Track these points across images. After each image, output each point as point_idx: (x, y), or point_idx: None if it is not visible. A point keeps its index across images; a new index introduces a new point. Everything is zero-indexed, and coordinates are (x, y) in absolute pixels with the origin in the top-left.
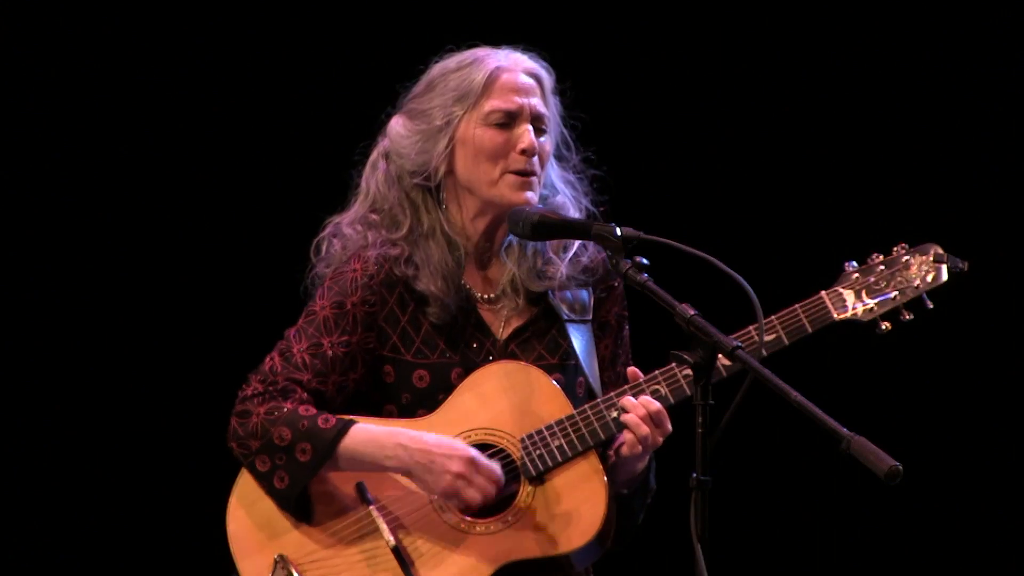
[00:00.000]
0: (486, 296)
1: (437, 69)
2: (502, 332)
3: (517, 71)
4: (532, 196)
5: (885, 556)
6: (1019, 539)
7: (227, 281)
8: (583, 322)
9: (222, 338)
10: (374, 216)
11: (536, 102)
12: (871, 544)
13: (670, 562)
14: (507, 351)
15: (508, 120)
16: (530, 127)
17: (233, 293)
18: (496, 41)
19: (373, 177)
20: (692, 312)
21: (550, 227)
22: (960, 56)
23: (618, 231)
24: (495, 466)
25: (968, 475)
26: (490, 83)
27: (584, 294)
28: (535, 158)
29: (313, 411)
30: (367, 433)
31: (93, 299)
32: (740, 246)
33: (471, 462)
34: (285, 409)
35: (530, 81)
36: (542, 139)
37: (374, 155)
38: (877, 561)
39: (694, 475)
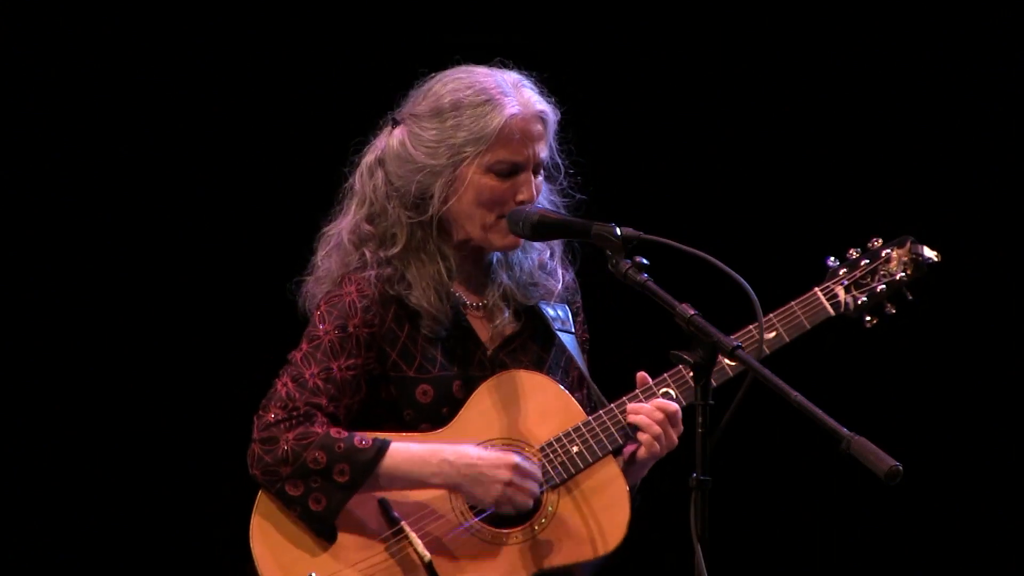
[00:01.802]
0: (475, 304)
1: (448, 96)
2: (491, 341)
3: (528, 116)
4: (520, 239)
5: (885, 556)
6: (1019, 539)
7: (225, 281)
8: (569, 332)
9: (220, 338)
10: (368, 227)
11: (541, 149)
12: (871, 544)
13: (670, 562)
14: (497, 360)
15: (513, 170)
16: (532, 177)
17: (230, 293)
18: (490, 43)
19: (371, 183)
20: (692, 312)
21: (550, 227)
22: (943, 57)
23: (618, 231)
24: (535, 467)
25: (968, 475)
26: (504, 133)
27: (562, 310)
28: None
29: (346, 432)
30: (407, 451)
31: (92, 299)
32: (739, 246)
33: (517, 468)
34: (316, 433)
35: (539, 127)
36: (538, 179)
37: (370, 159)
38: (877, 561)
39: (694, 475)
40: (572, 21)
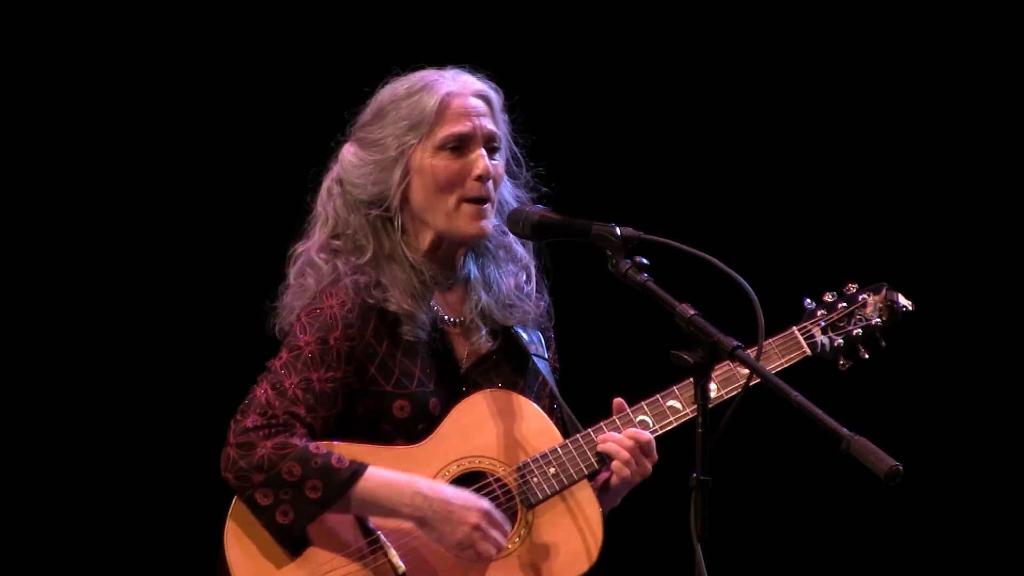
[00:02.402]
0: (452, 319)
1: (387, 95)
2: (467, 359)
3: (467, 94)
4: (488, 225)
5: (885, 556)
6: (1019, 539)
7: (223, 281)
8: (542, 357)
9: (219, 338)
10: (336, 242)
11: (487, 123)
12: (871, 544)
13: (670, 562)
14: (470, 378)
15: (461, 144)
16: (483, 150)
17: (228, 293)
18: (490, 43)
19: (331, 203)
20: (692, 312)
21: (550, 227)
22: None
23: (618, 231)
24: (506, 522)
25: (968, 475)
26: (442, 109)
27: (539, 335)
28: (490, 183)
29: (324, 449)
30: (383, 477)
31: (91, 299)
32: (739, 246)
33: (488, 515)
34: (295, 445)
35: (480, 103)
36: (495, 160)
37: (327, 181)
38: (877, 561)
39: (694, 475)
40: (572, 21)
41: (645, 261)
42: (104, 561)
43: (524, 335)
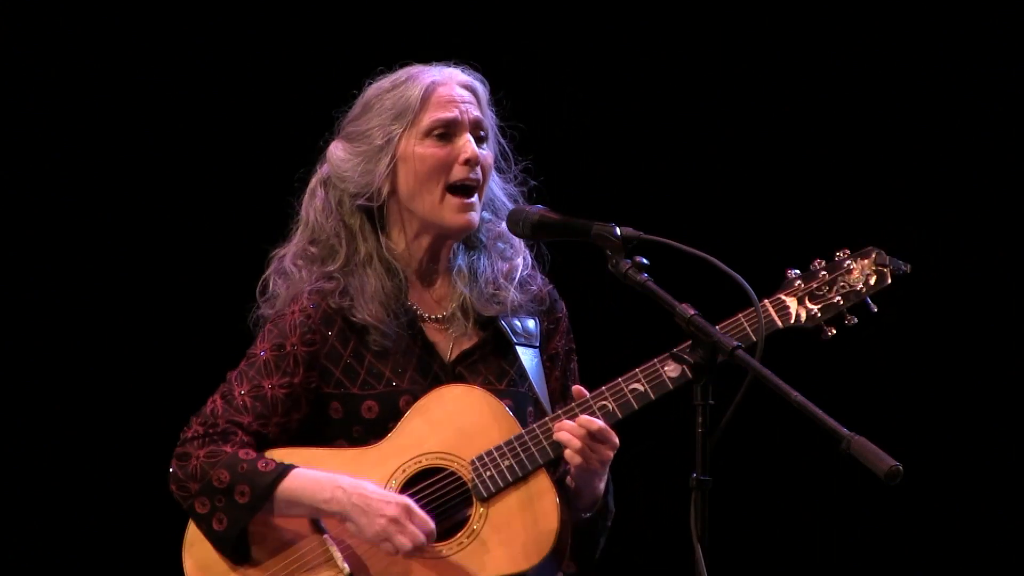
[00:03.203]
0: (433, 316)
1: (372, 91)
2: (450, 354)
3: (452, 84)
4: (474, 217)
5: (885, 556)
6: (1019, 539)
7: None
8: (532, 347)
9: (216, 338)
10: (313, 249)
11: (473, 111)
12: (871, 544)
13: (670, 562)
14: (455, 373)
15: (448, 131)
16: (471, 137)
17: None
18: (491, 43)
19: (311, 206)
20: (692, 312)
21: (550, 227)
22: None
23: (618, 231)
24: (429, 520)
25: (968, 475)
26: (426, 97)
27: (532, 322)
28: (478, 168)
29: (253, 454)
30: (306, 477)
31: (89, 299)
32: (739, 246)
33: (407, 509)
34: (225, 452)
35: (466, 93)
36: (483, 149)
37: (312, 183)
38: (877, 561)
39: (694, 475)
40: (572, 21)
41: (645, 261)
42: (104, 561)
43: (514, 324)
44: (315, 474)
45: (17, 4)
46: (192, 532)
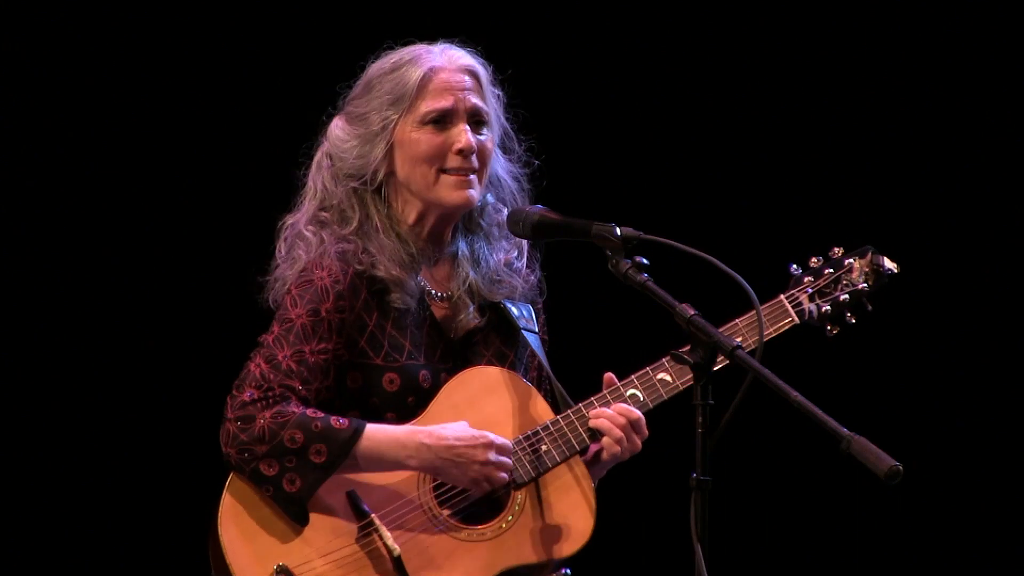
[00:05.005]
0: (439, 294)
1: (374, 70)
2: (456, 333)
3: (451, 69)
4: (473, 194)
5: (885, 556)
6: (1019, 539)
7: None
8: (533, 332)
9: (215, 338)
10: (324, 214)
11: (472, 97)
12: (871, 544)
13: (670, 562)
14: (459, 354)
15: (444, 119)
16: (467, 126)
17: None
18: (489, 43)
19: (319, 175)
20: (692, 312)
21: (550, 227)
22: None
23: (618, 231)
24: (507, 441)
25: (968, 475)
26: (424, 84)
27: (529, 308)
28: (474, 156)
29: (322, 413)
30: (384, 432)
31: (89, 299)
32: (739, 246)
33: (492, 445)
34: (293, 412)
35: (465, 78)
36: (482, 134)
37: (318, 155)
38: (877, 561)
39: (694, 475)
40: (572, 21)
41: (645, 261)
42: (104, 561)
43: (513, 309)
44: (391, 429)
45: (17, 4)
46: (229, 503)
